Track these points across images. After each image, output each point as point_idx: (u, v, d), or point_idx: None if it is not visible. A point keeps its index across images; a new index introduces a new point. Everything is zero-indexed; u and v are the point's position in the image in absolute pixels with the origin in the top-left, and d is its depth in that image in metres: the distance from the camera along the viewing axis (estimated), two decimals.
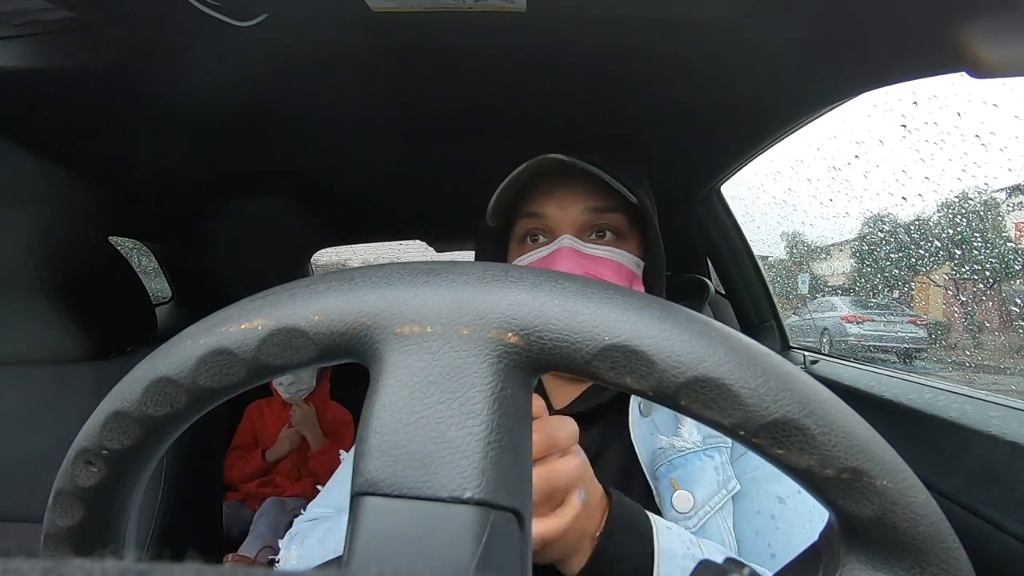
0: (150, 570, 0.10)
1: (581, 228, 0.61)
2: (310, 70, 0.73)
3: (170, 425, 0.23)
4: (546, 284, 0.20)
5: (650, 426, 0.57)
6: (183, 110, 0.81)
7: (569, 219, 0.61)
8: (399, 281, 0.20)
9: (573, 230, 0.61)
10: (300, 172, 1.19)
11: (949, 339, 3.22)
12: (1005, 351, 2.77)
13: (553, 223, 0.61)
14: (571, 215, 0.61)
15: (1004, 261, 2.41)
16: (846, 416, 0.18)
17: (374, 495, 0.18)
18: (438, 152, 1.08)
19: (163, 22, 0.60)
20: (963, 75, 0.55)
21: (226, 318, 0.21)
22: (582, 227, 0.61)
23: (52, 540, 0.25)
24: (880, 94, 0.69)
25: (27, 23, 0.58)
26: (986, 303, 2.83)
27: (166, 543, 0.78)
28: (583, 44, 0.67)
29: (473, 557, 0.17)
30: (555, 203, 0.61)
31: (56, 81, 0.70)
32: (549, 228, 0.62)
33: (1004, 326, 2.79)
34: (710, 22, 0.60)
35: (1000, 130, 1.25)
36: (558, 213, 0.61)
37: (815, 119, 0.83)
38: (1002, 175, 2.31)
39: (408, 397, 0.19)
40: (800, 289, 4.65)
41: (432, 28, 0.62)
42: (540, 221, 0.62)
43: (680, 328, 0.19)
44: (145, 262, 1.76)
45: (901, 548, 0.19)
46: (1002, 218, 2.40)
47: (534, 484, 0.37)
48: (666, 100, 0.83)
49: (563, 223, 0.61)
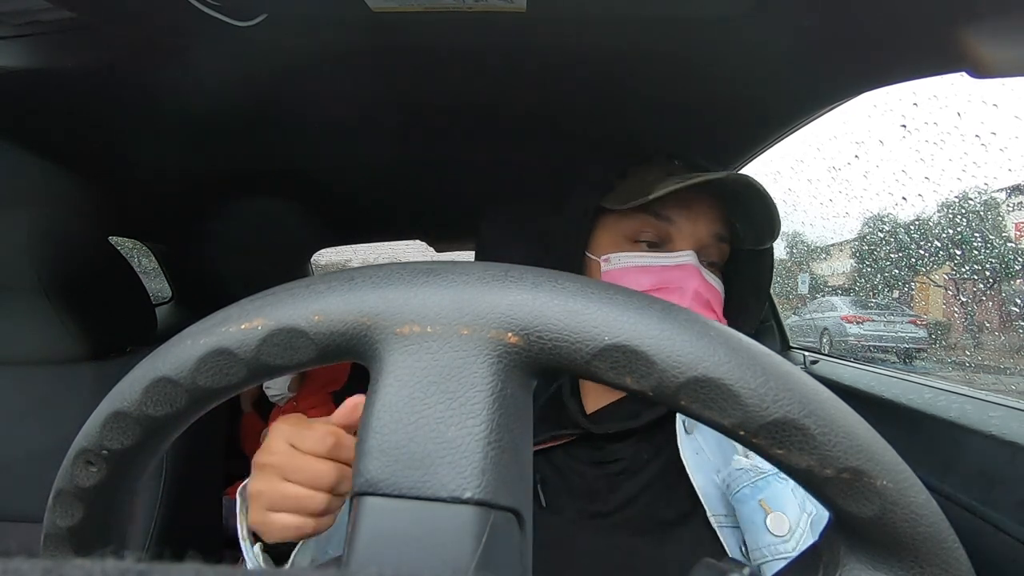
0: (150, 570, 0.10)
1: (702, 250, 0.58)
2: (310, 70, 0.73)
3: (170, 425, 0.23)
4: (546, 284, 0.20)
5: (695, 444, 0.55)
6: (183, 110, 0.81)
7: (696, 236, 0.58)
8: (399, 281, 0.20)
9: (694, 248, 0.57)
10: (300, 172, 1.19)
11: (949, 339, 3.22)
12: (1005, 351, 2.76)
13: (679, 234, 0.58)
14: (699, 233, 0.58)
15: (1004, 261, 2.41)
16: (846, 416, 0.18)
17: (374, 495, 0.18)
18: (438, 152, 1.08)
19: (163, 22, 0.60)
20: (963, 75, 0.55)
21: (226, 318, 0.21)
22: (703, 249, 0.58)
23: (52, 540, 0.25)
24: (880, 94, 0.69)
25: (27, 23, 0.58)
26: (986, 303, 2.83)
27: (166, 543, 0.78)
28: (583, 44, 0.66)
29: (473, 557, 0.17)
30: (689, 215, 0.58)
31: (56, 81, 0.70)
32: (670, 237, 0.58)
33: (1004, 326, 2.79)
34: (710, 22, 0.60)
35: (1000, 130, 1.25)
36: (689, 227, 0.58)
37: (815, 119, 0.83)
38: (1002, 175, 2.31)
39: (408, 397, 0.19)
40: (800, 289, 4.65)
41: (432, 28, 0.62)
42: (663, 226, 0.58)
43: (680, 328, 0.19)
44: (145, 262, 1.76)
45: (901, 548, 0.19)
46: (1002, 218, 2.40)
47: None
48: (666, 100, 0.82)
49: (688, 237, 0.58)
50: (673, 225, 0.57)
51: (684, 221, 0.57)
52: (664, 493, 0.54)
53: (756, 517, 0.48)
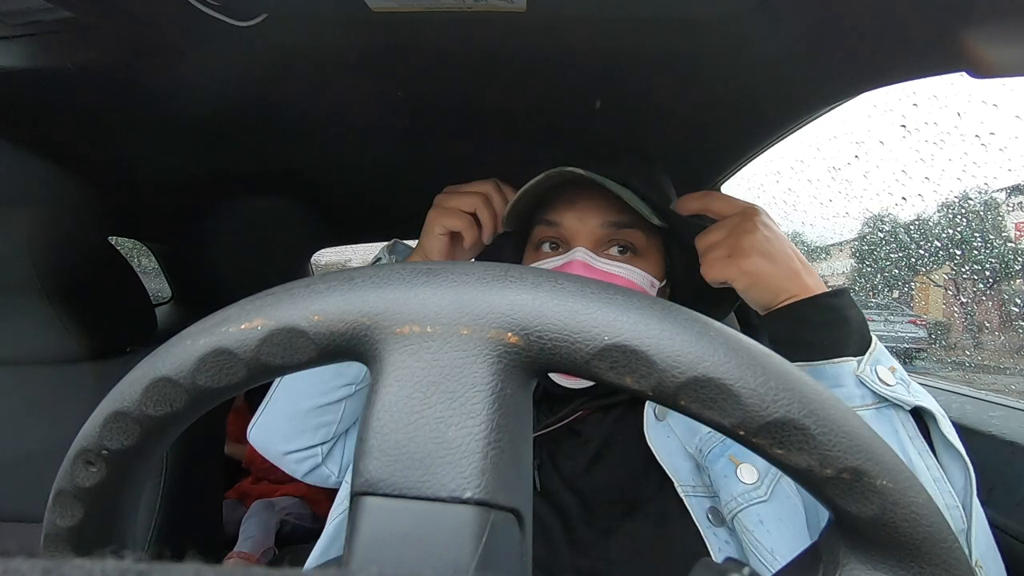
0: (150, 570, 0.10)
1: (598, 242, 0.60)
2: (310, 70, 0.73)
3: (170, 425, 0.23)
4: (546, 284, 0.20)
5: (666, 429, 0.57)
6: (183, 110, 0.81)
7: (586, 231, 0.60)
8: (399, 281, 0.20)
9: (589, 243, 0.59)
10: (300, 172, 1.19)
11: (949, 339, 3.22)
12: (1005, 351, 2.76)
13: (569, 233, 0.60)
14: (588, 227, 0.60)
15: (1004, 261, 2.41)
16: (846, 416, 0.18)
17: (374, 495, 0.18)
18: (438, 152, 1.08)
19: (163, 22, 0.60)
20: (963, 75, 0.55)
21: (226, 318, 0.21)
22: (598, 240, 0.60)
23: (52, 540, 0.25)
24: (880, 94, 0.69)
25: (27, 23, 0.58)
26: (986, 303, 2.83)
27: (166, 543, 0.78)
28: (583, 44, 0.66)
29: (473, 557, 0.17)
30: (574, 214, 0.60)
31: (56, 81, 0.70)
32: (565, 238, 0.61)
33: (1004, 326, 2.79)
34: (710, 22, 0.60)
35: (1000, 130, 1.25)
36: (575, 224, 0.60)
37: (815, 119, 0.83)
38: (1002, 175, 2.31)
39: (408, 397, 0.19)
40: None
41: (432, 28, 0.62)
42: (557, 230, 0.61)
43: (680, 328, 0.19)
44: (145, 262, 1.76)
45: (901, 548, 0.19)
46: (1002, 218, 2.40)
47: None
48: (666, 100, 0.82)
49: (580, 235, 0.60)
50: (562, 227, 0.61)
51: (570, 221, 0.60)
52: (634, 476, 0.56)
53: (728, 470, 0.51)
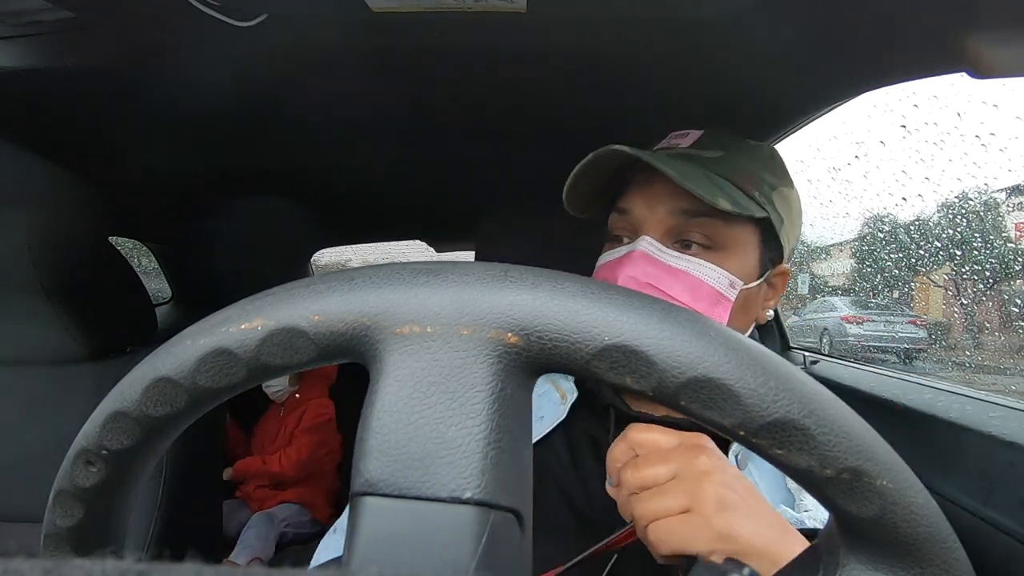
0: (150, 570, 0.10)
1: (668, 232, 0.53)
2: (310, 70, 0.73)
3: (170, 425, 0.23)
4: (546, 284, 0.20)
5: (751, 479, 0.51)
6: (183, 110, 0.81)
7: (655, 219, 0.53)
8: (399, 281, 0.20)
9: (658, 233, 0.53)
10: (300, 172, 1.19)
11: (949, 339, 3.22)
12: (1005, 351, 2.76)
13: (638, 222, 0.55)
14: (657, 215, 0.53)
15: (1004, 261, 2.41)
16: (846, 416, 0.18)
17: (374, 495, 0.18)
18: (438, 152, 1.08)
19: (163, 22, 0.60)
20: (963, 75, 0.55)
21: (226, 318, 0.21)
22: (669, 231, 0.53)
23: (52, 540, 0.25)
24: (880, 94, 0.69)
25: (27, 23, 0.58)
26: (986, 303, 2.83)
27: (166, 543, 0.78)
28: (583, 44, 0.67)
29: (473, 557, 0.17)
30: (644, 200, 0.54)
31: (56, 81, 0.70)
32: (634, 228, 0.55)
33: (1004, 326, 2.79)
34: (710, 22, 0.60)
35: (1000, 130, 1.25)
36: (644, 212, 0.54)
37: (815, 119, 0.83)
38: (1002, 176, 2.31)
39: (408, 397, 0.19)
40: (800, 289, 4.65)
41: (432, 28, 0.62)
42: (627, 219, 0.55)
43: (680, 328, 0.19)
44: (145, 262, 1.76)
45: (901, 548, 0.19)
46: (1002, 218, 2.41)
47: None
48: (666, 100, 0.83)
49: (648, 223, 0.54)
50: (631, 215, 0.55)
51: (639, 208, 0.54)
52: None
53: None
